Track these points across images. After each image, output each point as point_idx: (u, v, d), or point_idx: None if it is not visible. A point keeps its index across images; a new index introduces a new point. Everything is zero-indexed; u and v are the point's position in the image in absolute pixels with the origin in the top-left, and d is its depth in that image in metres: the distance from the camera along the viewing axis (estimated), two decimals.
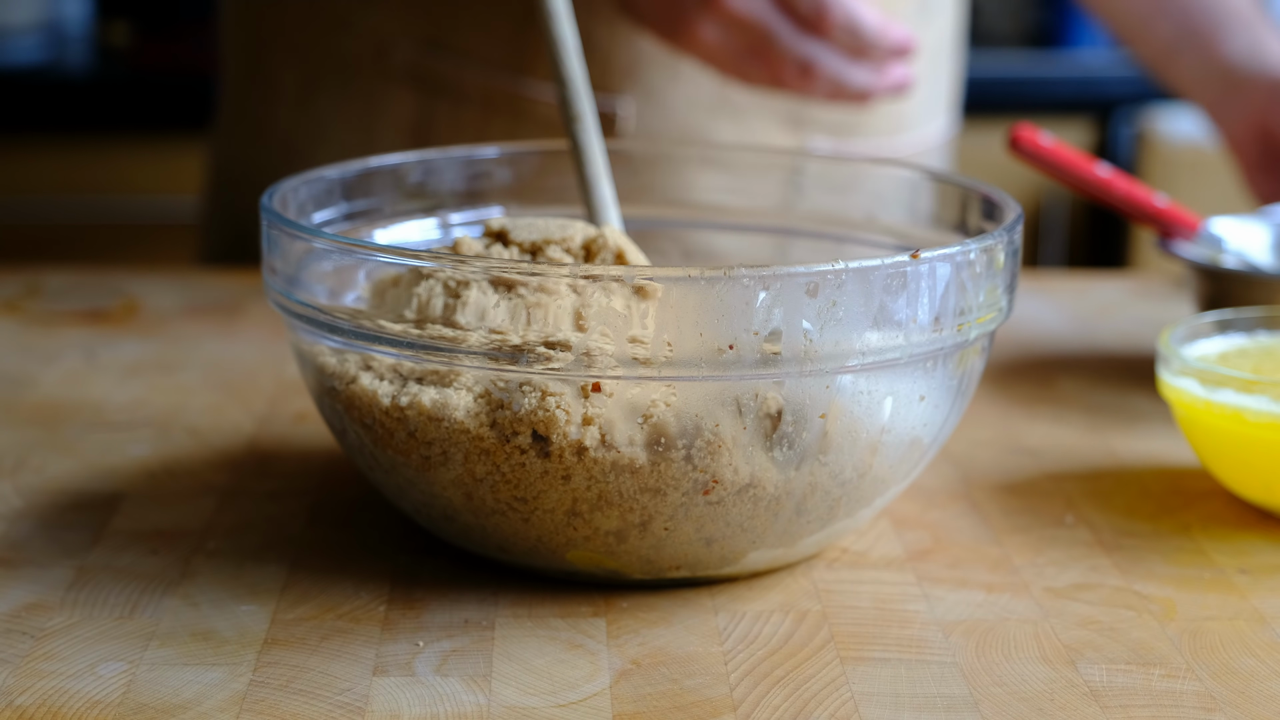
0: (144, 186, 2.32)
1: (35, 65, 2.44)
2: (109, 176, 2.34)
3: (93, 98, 2.35)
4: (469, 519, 0.64)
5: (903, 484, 0.67)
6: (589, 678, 0.59)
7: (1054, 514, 0.73)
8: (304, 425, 0.83)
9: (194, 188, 1.37)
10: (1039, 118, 2.16)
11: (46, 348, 0.94)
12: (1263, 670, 0.60)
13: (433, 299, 0.63)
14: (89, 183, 2.34)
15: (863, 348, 0.61)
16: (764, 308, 0.59)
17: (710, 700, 0.58)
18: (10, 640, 0.61)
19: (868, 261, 0.61)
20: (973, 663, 0.60)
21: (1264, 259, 0.95)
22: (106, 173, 2.34)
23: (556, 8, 0.76)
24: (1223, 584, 0.67)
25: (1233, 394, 0.72)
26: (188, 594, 0.65)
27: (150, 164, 2.32)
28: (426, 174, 0.80)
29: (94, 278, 1.08)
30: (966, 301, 0.64)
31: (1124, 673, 0.60)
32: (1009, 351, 0.96)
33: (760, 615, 0.64)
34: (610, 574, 0.65)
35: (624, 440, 0.61)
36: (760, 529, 0.64)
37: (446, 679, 0.59)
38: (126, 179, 2.34)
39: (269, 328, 0.98)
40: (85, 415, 0.84)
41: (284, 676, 0.59)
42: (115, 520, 0.72)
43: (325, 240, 0.65)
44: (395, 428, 0.63)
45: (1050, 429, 0.84)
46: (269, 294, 0.68)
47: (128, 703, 0.57)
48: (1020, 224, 0.68)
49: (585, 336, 0.60)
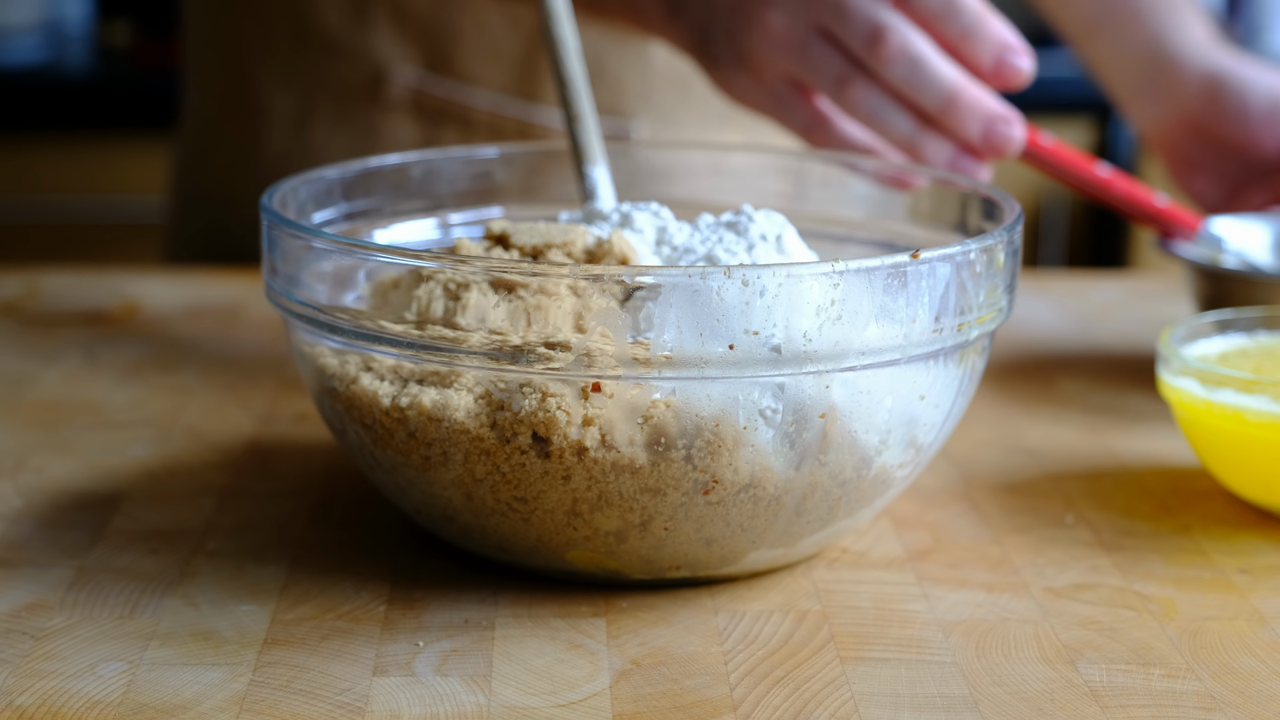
0: (143, 186, 2.32)
1: (35, 65, 2.44)
2: (109, 176, 2.34)
3: (93, 98, 2.35)
4: (469, 519, 0.64)
5: (903, 484, 0.67)
6: (589, 678, 0.59)
7: (1054, 514, 0.73)
8: (304, 425, 0.83)
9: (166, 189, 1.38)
10: (1039, 118, 2.16)
11: (46, 348, 0.94)
12: (1263, 670, 0.60)
13: (433, 301, 0.63)
14: (89, 183, 2.35)
15: (863, 348, 0.61)
16: (764, 308, 0.59)
17: (710, 700, 0.58)
18: (10, 640, 0.61)
19: (868, 261, 0.61)
20: (973, 663, 0.60)
21: (1264, 259, 0.95)
22: (106, 173, 2.34)
23: (556, 7, 0.77)
24: (1223, 584, 0.67)
25: (1233, 394, 0.72)
26: (188, 594, 0.65)
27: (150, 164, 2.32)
28: (426, 174, 0.80)
29: (94, 278, 1.08)
30: (966, 301, 0.64)
31: (1124, 673, 0.60)
32: (1009, 351, 0.96)
33: (760, 615, 0.64)
34: (610, 574, 0.65)
35: (624, 440, 0.61)
36: (760, 529, 0.64)
37: (446, 679, 0.59)
38: (126, 179, 2.34)
39: (269, 328, 0.98)
40: (85, 415, 0.84)
41: (284, 676, 0.59)
42: (115, 520, 0.72)
43: (325, 240, 0.65)
44: (395, 428, 0.63)
45: (1050, 429, 0.84)
46: (269, 294, 0.68)
47: (128, 703, 0.57)
48: (1020, 224, 0.68)
49: (585, 337, 0.60)
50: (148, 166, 2.32)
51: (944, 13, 0.82)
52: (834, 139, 0.85)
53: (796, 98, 0.85)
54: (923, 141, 0.83)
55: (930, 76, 0.82)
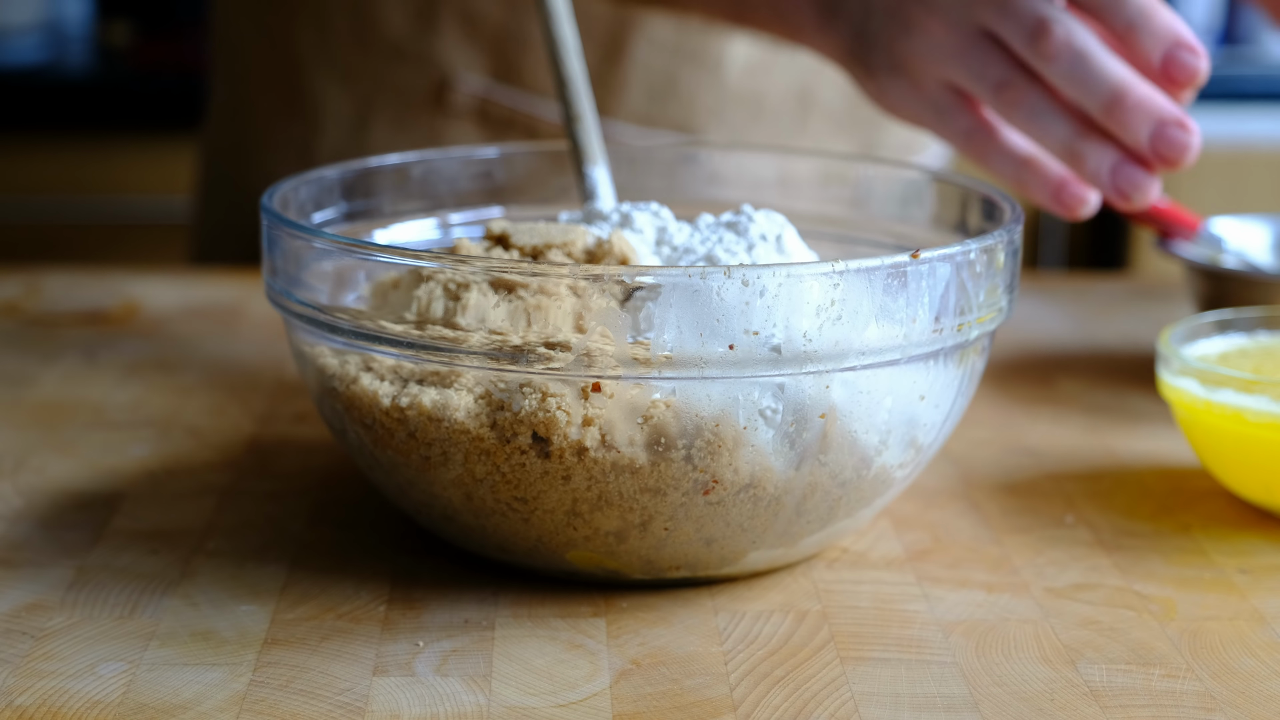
0: (143, 186, 2.32)
1: (35, 65, 2.44)
2: (109, 176, 2.34)
3: (93, 98, 2.35)
4: (469, 519, 0.64)
5: (903, 484, 0.67)
6: (589, 678, 0.59)
7: (1054, 514, 0.73)
8: (304, 425, 0.83)
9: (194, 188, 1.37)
10: None
11: (46, 348, 0.94)
12: (1263, 670, 0.60)
13: (433, 301, 0.63)
14: (89, 183, 2.35)
15: (862, 348, 0.61)
16: (764, 308, 0.59)
17: (710, 700, 0.58)
18: (10, 640, 0.61)
19: (868, 261, 0.61)
20: (973, 663, 0.60)
21: (1264, 259, 0.95)
22: (106, 173, 2.34)
23: (556, 7, 0.77)
24: (1223, 584, 0.67)
25: (1233, 394, 0.72)
26: (188, 594, 0.65)
27: (150, 164, 2.32)
28: (426, 174, 0.80)
29: (94, 278, 1.08)
30: (966, 301, 0.64)
31: (1124, 673, 0.60)
32: (1009, 351, 0.96)
33: (760, 615, 0.64)
34: (610, 574, 0.65)
35: (624, 441, 0.61)
36: (760, 529, 0.64)
37: (446, 679, 0.59)
38: (126, 179, 2.34)
39: (269, 328, 0.98)
40: (85, 415, 0.84)
41: (284, 676, 0.59)
42: (115, 520, 0.72)
43: (325, 240, 0.65)
44: (395, 428, 0.63)
45: (1050, 429, 0.84)
46: (269, 294, 0.68)
47: (128, 703, 0.57)
48: (1020, 224, 0.68)
49: (585, 337, 0.60)
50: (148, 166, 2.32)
51: (1109, 2, 0.77)
52: (994, 148, 0.81)
53: (956, 105, 0.81)
54: (1084, 148, 0.77)
55: (1094, 71, 0.76)
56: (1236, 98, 2.45)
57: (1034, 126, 0.78)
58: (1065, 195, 0.79)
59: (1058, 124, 0.78)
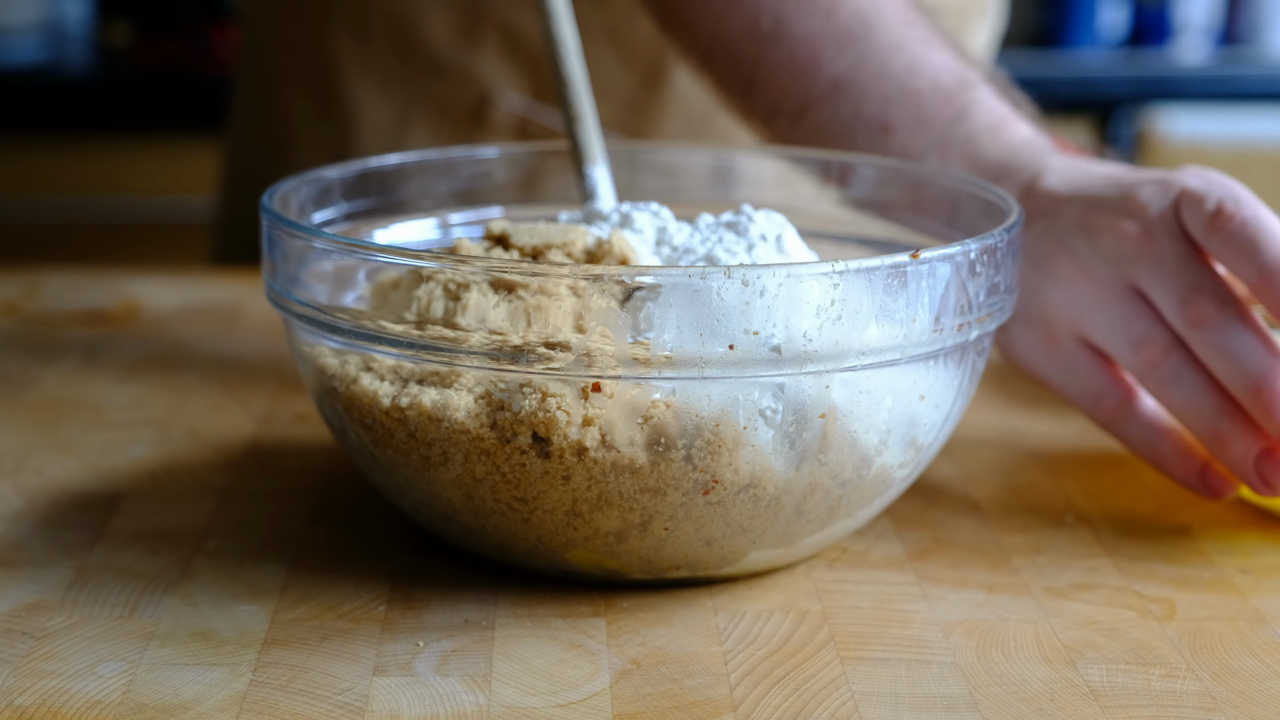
0: (144, 186, 2.32)
1: (35, 65, 2.45)
2: (109, 176, 2.34)
3: (93, 98, 2.35)
4: (469, 519, 0.64)
5: (903, 484, 0.67)
6: (589, 678, 0.59)
7: (1054, 514, 0.73)
8: (304, 425, 0.83)
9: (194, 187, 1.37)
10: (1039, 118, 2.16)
11: (46, 348, 0.94)
12: (1263, 670, 0.60)
13: (433, 301, 0.63)
14: (89, 183, 2.35)
15: (862, 348, 0.61)
16: (764, 308, 0.59)
17: (710, 700, 0.58)
18: (10, 640, 0.61)
19: (868, 261, 0.61)
20: (973, 663, 0.60)
21: None
22: (106, 173, 2.34)
23: (556, 7, 0.77)
24: (1223, 584, 0.67)
25: None
26: (188, 594, 0.65)
27: (150, 164, 2.33)
28: (427, 174, 0.80)
29: (94, 278, 1.08)
30: (966, 301, 0.64)
31: (1124, 673, 0.60)
32: None
33: (760, 615, 0.64)
34: (610, 574, 0.65)
35: (624, 441, 0.61)
36: (760, 529, 0.64)
37: (446, 679, 0.59)
38: (126, 179, 2.34)
39: (269, 328, 0.98)
40: (85, 415, 0.84)
41: (284, 676, 0.59)
42: (115, 520, 0.72)
43: (325, 240, 0.65)
44: (395, 428, 0.63)
45: (1050, 429, 0.84)
46: (269, 294, 0.68)
47: (128, 703, 0.57)
48: (1020, 224, 0.68)
49: (585, 337, 0.60)
50: (148, 166, 2.33)
51: (1249, 246, 0.69)
52: (1127, 414, 0.74)
53: (1090, 362, 0.74)
54: (1229, 429, 0.70)
55: (1244, 348, 0.69)
56: (1236, 98, 2.45)
57: (1173, 394, 0.71)
58: (1211, 478, 0.72)
59: (1201, 396, 0.70)
